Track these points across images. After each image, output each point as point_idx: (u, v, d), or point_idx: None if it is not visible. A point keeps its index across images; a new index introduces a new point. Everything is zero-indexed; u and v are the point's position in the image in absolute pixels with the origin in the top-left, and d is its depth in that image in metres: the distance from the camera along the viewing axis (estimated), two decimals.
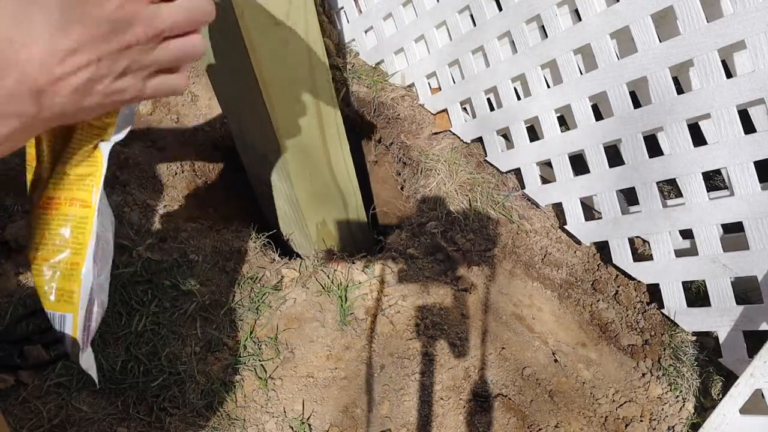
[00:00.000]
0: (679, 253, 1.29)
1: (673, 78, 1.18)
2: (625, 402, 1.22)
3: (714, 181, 1.73)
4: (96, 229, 0.48)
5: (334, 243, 1.50)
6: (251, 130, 1.27)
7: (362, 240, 1.58)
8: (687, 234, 1.44)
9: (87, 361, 0.50)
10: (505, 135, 1.61)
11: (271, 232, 1.46)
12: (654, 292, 1.38)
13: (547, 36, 1.32)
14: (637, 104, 1.24)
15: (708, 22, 1.04)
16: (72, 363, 0.74)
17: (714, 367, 1.27)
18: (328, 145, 1.29)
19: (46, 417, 1.01)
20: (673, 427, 1.20)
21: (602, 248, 1.47)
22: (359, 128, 1.83)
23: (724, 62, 1.13)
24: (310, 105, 1.19)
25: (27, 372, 1.06)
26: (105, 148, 0.47)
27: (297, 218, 1.42)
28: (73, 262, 0.47)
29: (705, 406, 1.21)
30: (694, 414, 1.21)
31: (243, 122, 1.29)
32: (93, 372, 0.50)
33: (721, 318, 1.23)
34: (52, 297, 0.47)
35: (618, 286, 1.41)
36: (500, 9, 1.40)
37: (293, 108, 1.16)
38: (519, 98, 1.49)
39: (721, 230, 1.35)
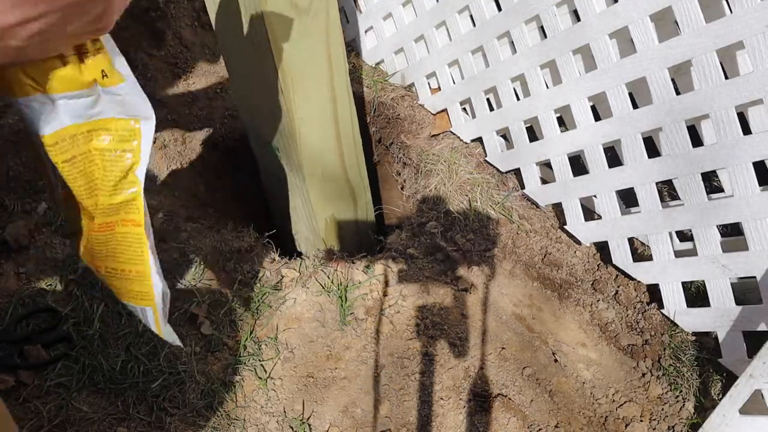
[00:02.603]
0: (679, 254, 1.29)
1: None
2: (625, 402, 1.22)
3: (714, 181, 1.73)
4: (150, 242, 0.57)
5: (341, 239, 1.51)
6: (265, 122, 1.28)
7: (368, 238, 1.58)
8: (686, 236, 1.44)
9: (170, 336, 0.64)
10: (505, 135, 1.61)
11: (270, 232, 1.46)
12: (654, 292, 1.38)
13: (546, 36, 1.32)
14: (635, 105, 1.24)
15: None
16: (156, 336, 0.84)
17: (714, 367, 1.27)
18: (341, 140, 1.30)
19: (46, 417, 1.01)
20: (673, 427, 1.20)
21: (602, 248, 1.47)
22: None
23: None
24: (327, 98, 1.20)
25: (27, 372, 1.06)
26: (140, 173, 0.55)
27: (306, 212, 1.42)
28: (139, 271, 0.58)
29: (705, 406, 1.22)
30: (694, 414, 1.21)
31: (257, 115, 1.29)
32: (177, 341, 0.65)
33: (721, 318, 1.23)
34: (131, 297, 0.61)
35: (618, 286, 1.41)
36: (500, 9, 1.40)
37: (309, 100, 1.17)
38: (518, 98, 1.49)
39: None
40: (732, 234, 1.48)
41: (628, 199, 1.49)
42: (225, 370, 1.15)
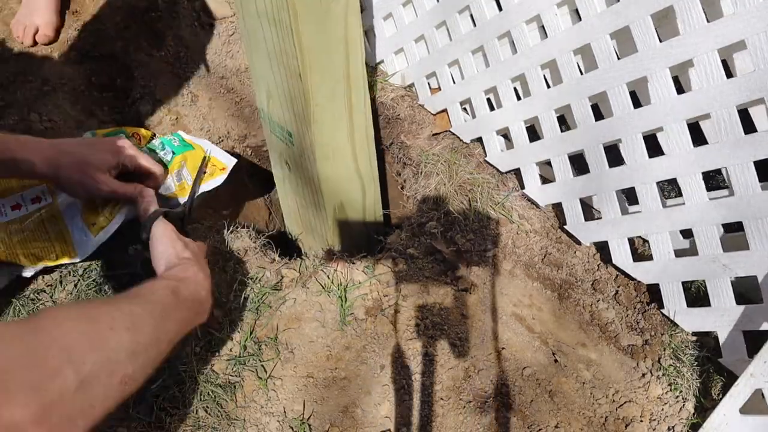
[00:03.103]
0: (679, 253, 1.29)
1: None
2: (625, 402, 1.22)
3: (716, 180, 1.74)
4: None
5: (348, 227, 1.52)
6: (280, 106, 1.29)
7: (374, 230, 1.59)
8: (686, 233, 1.44)
9: None
10: (506, 135, 1.61)
11: (270, 232, 1.46)
12: (654, 292, 1.38)
13: (547, 36, 1.32)
14: (637, 104, 1.24)
15: None
16: None
17: (714, 367, 1.27)
18: (353, 125, 1.31)
19: None
20: (673, 427, 1.20)
21: (602, 248, 1.47)
22: None
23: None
24: (342, 81, 1.21)
25: None
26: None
27: (315, 200, 1.43)
28: None
29: (705, 406, 1.22)
30: (694, 414, 1.21)
31: (273, 98, 1.30)
32: None
33: (721, 318, 1.23)
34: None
35: (618, 286, 1.41)
36: (500, 9, 1.40)
37: (325, 82, 1.18)
38: (519, 98, 1.49)
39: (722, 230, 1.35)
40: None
41: (628, 197, 1.49)
42: (225, 370, 1.15)
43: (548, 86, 1.42)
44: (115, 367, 0.62)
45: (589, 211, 1.54)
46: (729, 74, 1.07)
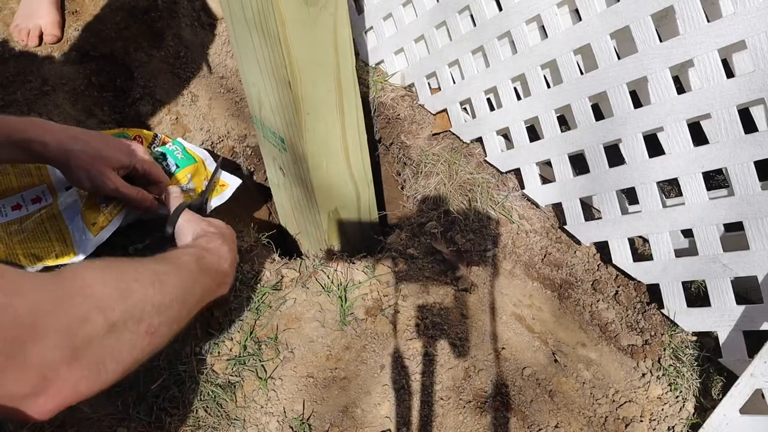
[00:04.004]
0: (679, 253, 1.29)
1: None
2: (625, 402, 1.22)
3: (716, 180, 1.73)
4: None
5: (343, 233, 1.52)
6: (272, 114, 1.29)
7: (370, 233, 1.59)
8: (687, 233, 1.44)
9: None
10: (506, 135, 1.61)
11: (270, 232, 1.46)
12: (654, 292, 1.38)
13: (547, 36, 1.32)
14: (638, 104, 1.24)
15: None
16: None
17: (714, 367, 1.27)
18: (346, 131, 1.31)
19: None
20: (673, 427, 1.20)
21: (602, 248, 1.47)
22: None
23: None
24: (333, 88, 1.21)
25: None
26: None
27: (310, 205, 1.43)
28: None
29: (705, 406, 1.22)
30: (694, 414, 1.21)
31: (264, 106, 1.30)
32: None
33: (721, 318, 1.23)
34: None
35: (618, 286, 1.41)
36: (500, 9, 1.40)
37: (316, 90, 1.18)
38: (519, 98, 1.49)
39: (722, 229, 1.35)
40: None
41: (628, 197, 1.49)
42: (225, 370, 1.15)
43: (548, 86, 1.42)
44: (142, 316, 0.64)
45: (589, 211, 1.54)
46: (729, 74, 1.07)
